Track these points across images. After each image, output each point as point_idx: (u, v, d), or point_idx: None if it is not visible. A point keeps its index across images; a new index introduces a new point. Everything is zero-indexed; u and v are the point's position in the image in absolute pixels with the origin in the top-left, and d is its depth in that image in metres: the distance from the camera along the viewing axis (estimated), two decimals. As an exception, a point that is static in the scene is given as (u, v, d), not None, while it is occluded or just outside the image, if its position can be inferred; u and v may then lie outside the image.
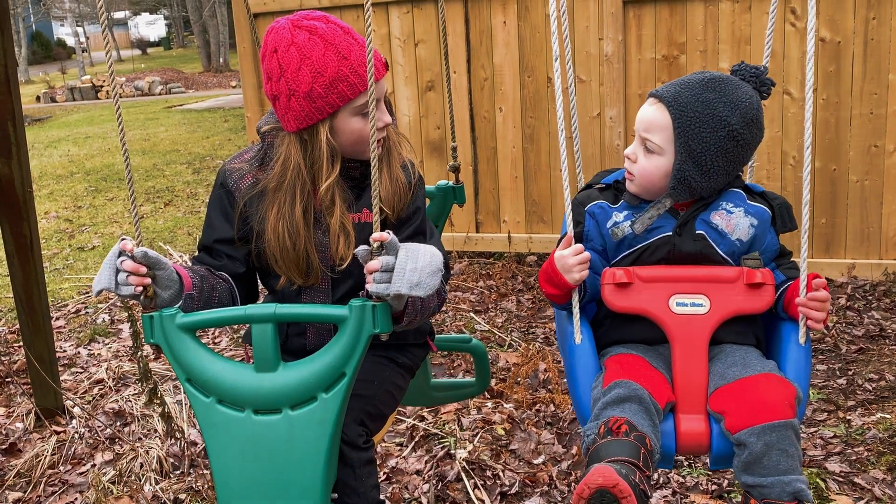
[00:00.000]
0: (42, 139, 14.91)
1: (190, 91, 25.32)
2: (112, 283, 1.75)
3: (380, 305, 1.73)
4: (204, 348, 1.82)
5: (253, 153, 2.10)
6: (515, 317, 4.82)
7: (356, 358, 1.75)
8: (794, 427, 1.73)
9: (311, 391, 1.76)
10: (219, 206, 2.08)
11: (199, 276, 1.95)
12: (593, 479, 1.57)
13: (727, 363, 1.89)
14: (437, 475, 3.16)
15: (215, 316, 1.83)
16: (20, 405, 3.94)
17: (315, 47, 1.88)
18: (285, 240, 1.98)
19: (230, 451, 1.78)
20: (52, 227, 7.92)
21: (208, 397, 1.79)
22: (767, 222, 1.99)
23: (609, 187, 2.11)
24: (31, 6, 40.31)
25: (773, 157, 5.07)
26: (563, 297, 1.96)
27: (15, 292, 3.65)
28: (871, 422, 3.37)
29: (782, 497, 1.69)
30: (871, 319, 4.44)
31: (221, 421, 1.78)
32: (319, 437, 1.75)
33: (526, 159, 5.67)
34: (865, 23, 4.78)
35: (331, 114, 1.92)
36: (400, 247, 1.72)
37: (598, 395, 1.83)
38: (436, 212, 2.99)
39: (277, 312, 1.76)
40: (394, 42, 5.79)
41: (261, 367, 1.78)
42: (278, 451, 1.76)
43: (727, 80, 1.92)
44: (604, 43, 5.28)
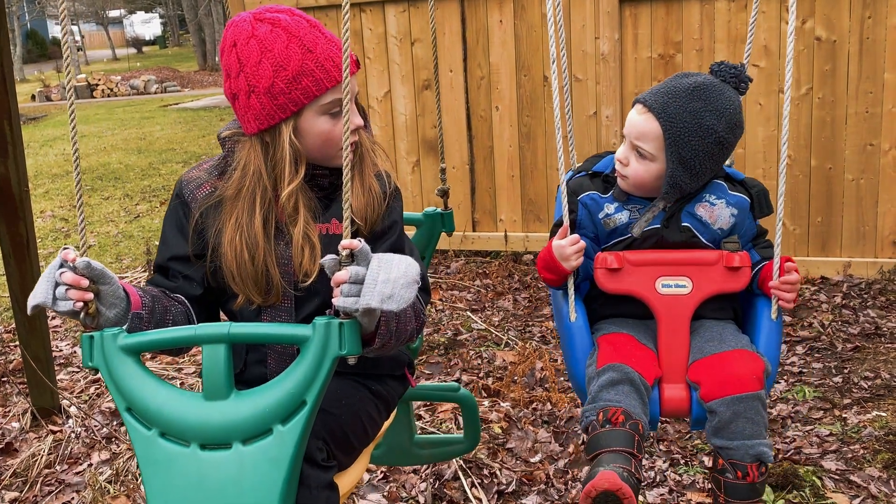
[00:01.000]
0: (37, 138, 14.88)
1: (185, 90, 25.27)
2: (49, 298, 1.54)
3: (347, 323, 1.52)
4: (148, 374, 1.61)
5: (213, 162, 1.91)
6: (512, 315, 4.83)
7: (319, 384, 1.53)
8: (761, 398, 1.94)
9: (266, 423, 1.54)
10: (174, 219, 1.89)
11: (150, 297, 1.75)
12: (600, 483, 1.75)
13: (705, 338, 2.08)
14: (435, 474, 3.17)
15: (162, 337, 1.62)
16: (16, 405, 3.93)
17: (277, 39, 1.71)
18: (243, 253, 1.77)
19: (172, 492, 1.55)
20: (47, 226, 7.90)
21: (150, 429, 1.58)
22: (747, 210, 2.14)
23: (598, 175, 2.22)
24: (25, 4, 40.21)
25: (769, 156, 5.08)
26: (558, 280, 2.13)
27: (11, 292, 3.65)
28: (866, 420, 3.38)
29: (745, 459, 1.91)
30: (867, 318, 4.45)
31: (163, 457, 1.56)
32: (273, 476, 1.53)
33: (522, 158, 5.67)
34: (861, 22, 4.79)
35: (294, 112, 1.73)
36: (372, 257, 1.53)
37: (593, 374, 2.01)
38: (423, 240, 2.75)
39: (231, 332, 1.56)
40: (390, 41, 5.79)
41: (211, 394, 1.56)
42: (226, 492, 1.53)
43: (711, 87, 2.04)
44: (600, 42, 5.28)
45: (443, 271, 5.64)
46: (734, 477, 1.92)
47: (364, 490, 3.08)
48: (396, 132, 5.93)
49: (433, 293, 5.20)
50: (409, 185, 5.95)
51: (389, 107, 5.90)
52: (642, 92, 2.13)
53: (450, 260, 5.81)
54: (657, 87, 2.07)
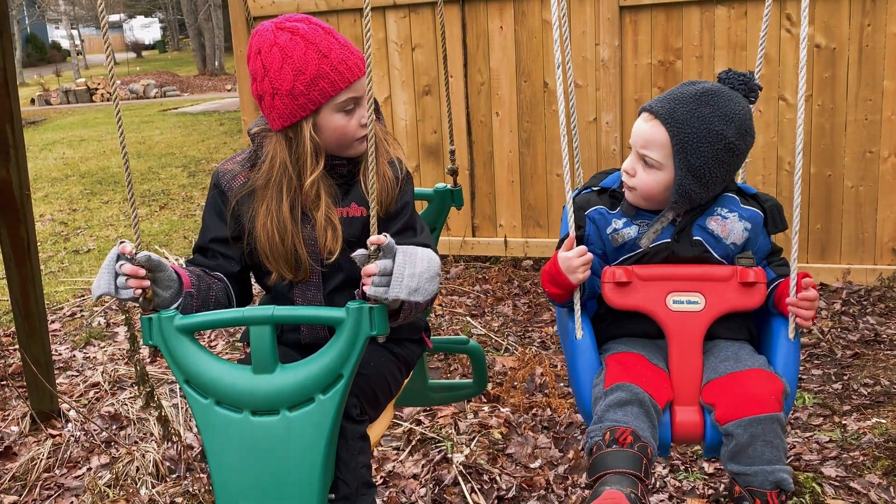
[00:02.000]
0: (37, 142, 14.88)
1: (185, 94, 25.29)
2: (112, 287, 1.78)
3: (377, 308, 1.76)
4: (202, 350, 1.83)
5: (245, 155, 2.16)
6: (512, 321, 4.83)
7: (353, 360, 1.77)
8: (780, 420, 1.83)
9: (308, 392, 1.77)
10: (213, 206, 2.14)
11: (195, 276, 2.00)
12: (604, 502, 1.69)
13: (720, 357, 1.99)
14: (434, 479, 3.16)
15: (213, 318, 1.85)
16: (16, 408, 3.92)
17: (296, 47, 1.95)
18: (274, 236, 2.02)
19: (228, 453, 1.79)
20: (47, 229, 7.90)
21: (207, 399, 1.80)
22: (760, 225, 2.08)
23: (605, 191, 2.16)
24: (26, 8, 40.24)
25: (768, 163, 5.09)
26: (564, 295, 2.05)
27: (11, 295, 3.65)
28: (866, 426, 3.39)
29: (764, 486, 1.80)
30: (866, 325, 4.46)
31: (220, 422, 1.79)
32: (316, 439, 1.76)
33: (522, 164, 5.68)
34: (860, 29, 4.81)
35: (313, 111, 1.97)
36: (397, 250, 1.75)
37: (600, 394, 1.91)
38: (433, 214, 3.01)
39: (275, 315, 1.78)
40: (391, 46, 5.80)
41: (258, 368, 1.79)
42: (276, 452, 1.77)
43: (719, 93, 1.98)
44: (600, 48, 5.29)
45: (442, 276, 5.64)
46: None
47: (364, 495, 3.08)
48: (396, 137, 5.93)
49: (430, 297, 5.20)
50: (409, 190, 5.94)
51: (390, 112, 5.91)
52: (642, 98, 2.11)
53: (449, 265, 5.81)
54: (664, 95, 2.02)
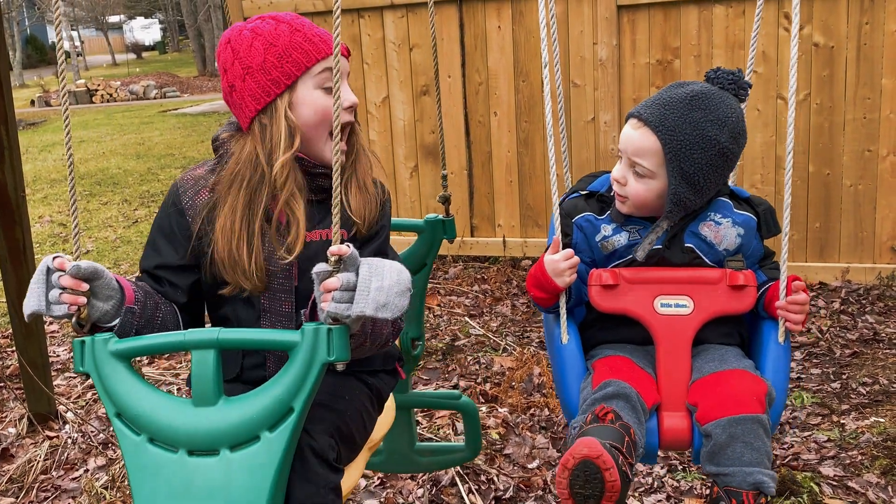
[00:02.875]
0: (36, 143, 14.88)
1: (185, 95, 25.29)
2: (42, 304, 1.58)
3: (336, 329, 1.51)
4: (138, 379, 1.61)
5: (209, 166, 1.93)
6: (510, 321, 4.82)
7: (307, 391, 1.53)
8: (762, 422, 1.77)
9: (253, 430, 1.54)
10: (166, 226, 1.89)
11: (143, 292, 1.77)
12: (578, 450, 1.62)
13: (706, 359, 1.95)
14: (432, 480, 3.16)
15: (153, 342, 1.63)
16: (13, 410, 3.92)
17: (267, 26, 1.81)
18: (231, 237, 1.79)
19: (159, 497, 1.56)
20: (46, 231, 7.90)
21: (139, 435, 1.58)
22: (753, 230, 2.02)
23: (593, 195, 2.10)
24: (25, 10, 40.27)
25: (766, 162, 5.09)
26: (549, 300, 2.00)
27: (7, 297, 3.64)
28: (864, 426, 3.38)
29: (742, 486, 1.72)
30: (865, 323, 4.45)
31: (151, 463, 1.57)
32: (260, 483, 1.53)
33: (521, 164, 5.67)
34: (858, 28, 4.80)
35: (288, 86, 1.78)
36: (361, 262, 1.52)
37: (588, 395, 1.87)
38: (424, 248, 2.67)
39: (220, 338, 1.56)
40: (388, 46, 5.79)
41: (199, 400, 1.57)
42: (213, 499, 1.53)
43: (710, 95, 1.92)
44: (598, 47, 5.29)
45: (441, 276, 5.64)
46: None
47: (361, 496, 3.07)
48: (395, 138, 5.93)
49: (432, 299, 5.19)
50: (407, 190, 5.95)
51: (388, 112, 5.90)
52: (640, 98, 2.06)
53: (448, 265, 5.81)
54: (651, 100, 1.95)
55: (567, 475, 1.62)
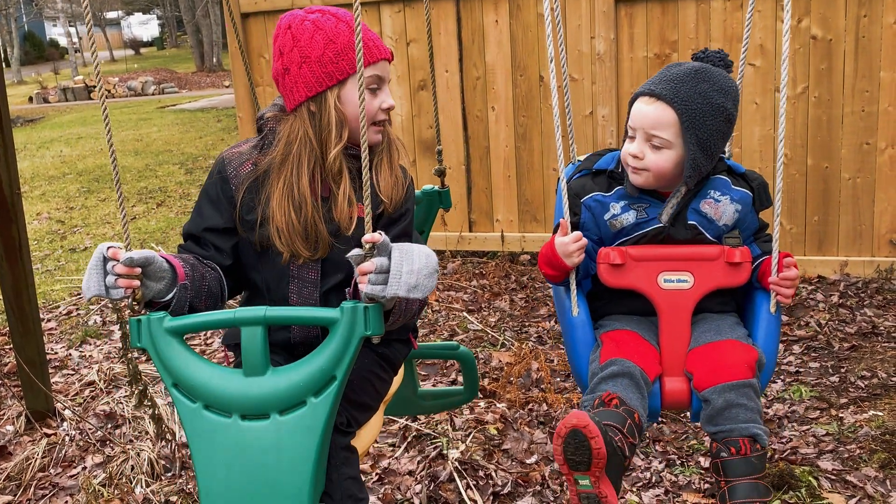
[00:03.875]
0: (34, 140, 14.85)
1: (183, 91, 25.26)
2: (102, 289, 1.76)
3: (372, 307, 1.71)
4: (191, 353, 1.79)
5: (254, 142, 2.11)
6: (509, 316, 4.81)
7: (347, 361, 1.72)
8: (753, 385, 1.97)
9: (300, 395, 1.72)
10: (212, 193, 2.08)
11: (189, 266, 1.94)
12: (568, 420, 1.79)
13: (703, 329, 2.12)
14: (430, 476, 3.15)
15: (203, 320, 1.81)
16: (10, 408, 3.92)
17: (328, 21, 1.97)
18: (290, 211, 1.98)
19: (216, 459, 1.73)
20: (44, 228, 7.89)
21: (195, 402, 1.75)
22: (750, 205, 2.17)
23: (601, 173, 2.22)
24: (23, 6, 40.17)
25: (765, 155, 5.07)
26: (560, 276, 2.15)
27: (4, 295, 3.63)
28: (863, 419, 3.37)
29: (741, 436, 1.93)
30: (864, 317, 4.44)
31: (208, 427, 1.74)
32: (308, 443, 1.71)
33: (519, 158, 5.66)
34: (857, 20, 4.78)
35: (340, 81, 1.96)
36: (393, 247, 1.70)
37: (596, 369, 2.04)
38: (421, 217, 2.93)
39: (268, 315, 1.74)
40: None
41: (249, 371, 1.74)
42: (266, 458, 1.71)
43: (709, 69, 2.07)
44: (596, 41, 5.27)
45: (439, 272, 5.63)
46: (728, 454, 1.93)
47: (359, 492, 3.07)
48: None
49: (430, 294, 5.18)
50: (405, 185, 5.93)
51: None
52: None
53: (446, 260, 5.80)
54: (657, 78, 2.07)
55: (560, 442, 1.80)
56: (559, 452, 1.81)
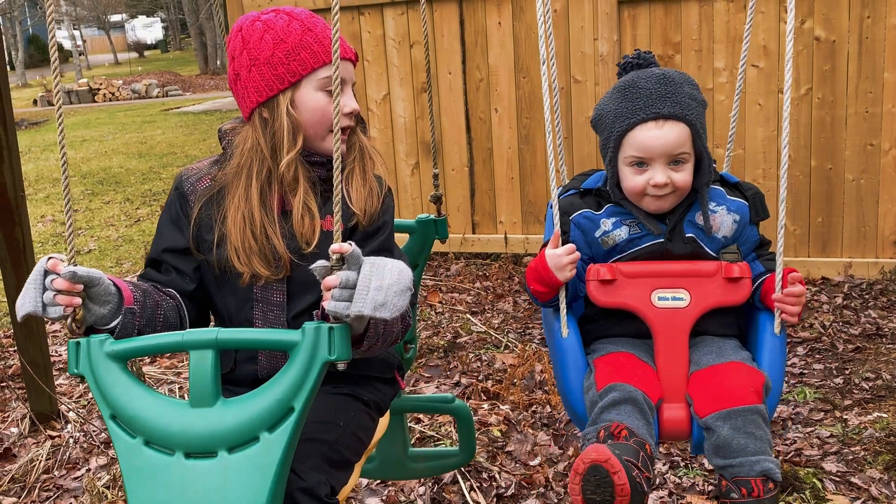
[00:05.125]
0: (38, 143, 14.89)
1: (187, 93, 25.30)
2: (38, 306, 1.56)
3: (337, 328, 1.50)
4: (134, 381, 1.58)
5: (213, 158, 1.98)
6: (512, 317, 4.81)
7: (307, 390, 1.50)
8: (760, 412, 1.82)
9: (252, 430, 1.51)
10: (170, 212, 1.93)
11: (140, 291, 1.76)
12: (587, 455, 1.66)
13: (703, 351, 1.99)
14: (433, 478, 3.15)
15: (148, 343, 1.60)
16: (15, 410, 3.92)
17: (280, 20, 1.83)
18: (244, 227, 1.81)
19: (154, 502, 1.52)
20: (48, 230, 7.90)
21: (134, 437, 1.55)
22: (747, 216, 2.07)
23: (589, 192, 2.12)
24: (27, 9, 40.30)
25: (768, 157, 5.07)
26: (549, 294, 2.02)
27: (8, 297, 3.64)
28: (867, 421, 3.36)
29: (751, 474, 1.77)
30: (868, 318, 4.43)
31: (147, 465, 1.53)
32: (259, 486, 1.48)
33: (522, 160, 5.66)
34: (860, 21, 4.78)
35: (292, 83, 1.81)
36: (363, 261, 1.51)
37: (594, 398, 1.88)
38: (416, 248, 2.67)
39: (219, 338, 1.54)
40: (389, 43, 5.78)
41: (197, 401, 1.53)
42: (210, 502, 1.50)
43: (671, 72, 2.02)
44: (599, 43, 5.27)
45: (443, 274, 5.63)
46: (739, 496, 1.77)
47: (363, 495, 3.07)
48: (395, 135, 5.92)
49: (433, 296, 5.19)
50: (408, 187, 5.94)
51: (388, 109, 5.89)
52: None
53: (450, 262, 5.80)
54: (646, 96, 1.96)
55: (579, 480, 1.66)
56: (577, 492, 1.66)
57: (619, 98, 2.00)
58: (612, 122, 2.00)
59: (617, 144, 2.00)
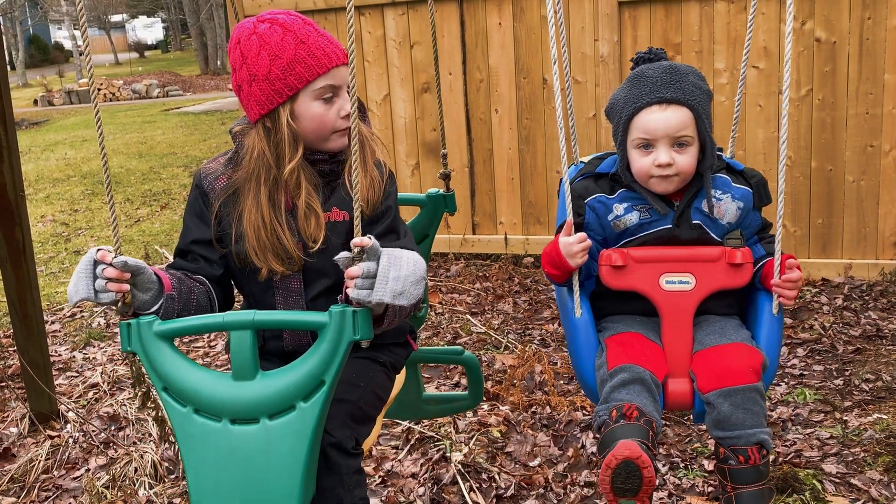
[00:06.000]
0: (39, 143, 14.89)
1: (187, 94, 25.31)
2: (91, 292, 1.74)
3: (360, 311, 1.70)
4: (181, 356, 1.78)
5: (227, 156, 2.12)
6: (512, 318, 4.81)
7: (336, 365, 1.72)
8: (758, 389, 1.99)
9: (289, 400, 1.72)
10: (194, 207, 2.10)
11: (176, 279, 1.95)
12: (620, 452, 1.81)
13: (707, 331, 2.13)
14: (433, 478, 3.15)
15: (193, 323, 1.80)
16: (14, 410, 3.92)
17: (274, 34, 1.93)
18: (259, 229, 1.98)
19: (206, 462, 1.74)
20: (48, 230, 7.90)
21: (185, 407, 1.76)
22: (751, 202, 2.19)
23: (603, 176, 2.25)
24: (28, 9, 40.31)
25: (769, 158, 5.07)
26: (562, 276, 2.16)
27: (8, 297, 3.64)
28: (867, 422, 3.36)
29: (748, 444, 1.97)
30: (868, 319, 4.43)
31: (198, 431, 1.75)
32: (297, 448, 1.71)
33: (522, 161, 5.66)
34: (861, 23, 4.78)
35: (290, 96, 1.94)
36: (382, 252, 1.69)
37: (605, 376, 2.04)
38: (426, 221, 2.91)
39: (256, 319, 1.74)
40: (389, 44, 5.78)
41: (238, 375, 1.74)
42: (255, 462, 1.72)
43: (677, 64, 2.16)
44: (599, 44, 5.27)
45: (443, 274, 5.63)
46: (737, 462, 1.97)
47: (362, 495, 3.07)
48: (396, 135, 5.92)
49: (433, 296, 5.19)
50: (408, 188, 5.93)
51: (389, 110, 5.89)
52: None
53: (450, 263, 5.80)
54: (650, 85, 2.10)
55: (610, 473, 1.82)
56: (607, 483, 1.82)
57: (629, 86, 2.16)
58: (622, 108, 2.15)
59: (626, 128, 2.14)
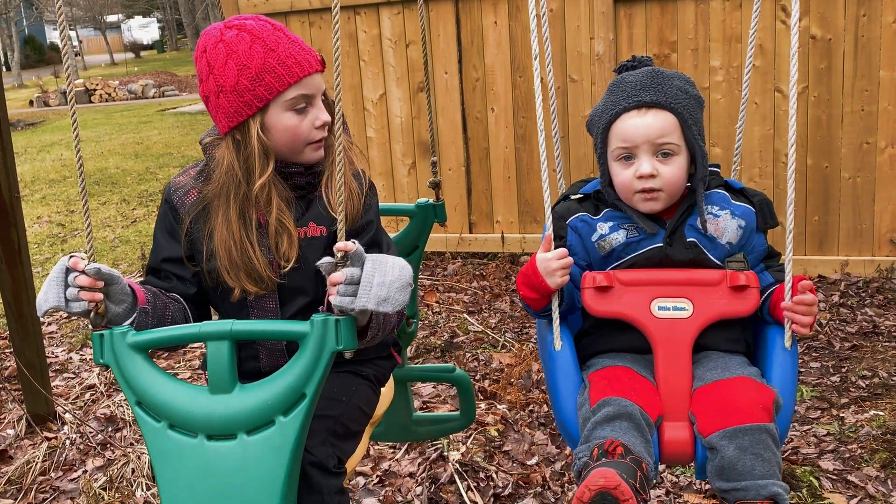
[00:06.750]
0: (35, 143, 14.86)
1: (183, 94, 25.26)
2: (62, 301, 1.65)
3: (343, 320, 1.61)
4: (156, 369, 1.70)
5: (198, 168, 2.01)
6: (509, 317, 4.81)
7: (318, 377, 1.63)
8: (770, 431, 1.68)
9: (268, 414, 1.63)
10: (164, 224, 1.99)
11: (151, 294, 1.87)
12: (594, 482, 1.52)
13: (707, 367, 1.86)
14: (430, 477, 3.15)
15: (169, 334, 1.72)
16: (11, 411, 3.91)
17: (241, 42, 1.81)
18: (231, 248, 1.88)
19: (181, 480, 1.65)
20: (44, 231, 7.89)
21: (159, 422, 1.67)
22: (754, 222, 1.96)
23: (588, 198, 2.04)
24: (23, 10, 40.23)
25: (764, 156, 5.07)
26: (539, 301, 1.92)
27: (4, 298, 3.63)
28: (864, 419, 3.37)
29: (757, 499, 1.63)
30: (865, 316, 4.44)
31: (172, 448, 1.66)
32: (276, 465, 1.62)
33: (518, 160, 5.66)
34: (856, 20, 4.78)
35: (260, 108, 1.83)
36: (366, 258, 1.61)
37: (587, 413, 1.76)
38: (415, 232, 2.78)
39: (234, 329, 1.65)
40: (385, 43, 5.78)
41: (216, 388, 1.65)
42: (232, 480, 1.63)
43: (662, 69, 1.97)
44: (595, 42, 5.27)
45: (439, 273, 5.63)
46: None
47: (360, 495, 3.07)
48: (392, 134, 5.91)
49: (430, 295, 5.18)
50: (405, 187, 5.93)
51: (385, 109, 5.89)
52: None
53: (446, 262, 5.80)
54: (632, 87, 1.91)
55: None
56: None
57: (607, 95, 1.97)
58: (599, 118, 1.96)
59: (604, 139, 1.94)
